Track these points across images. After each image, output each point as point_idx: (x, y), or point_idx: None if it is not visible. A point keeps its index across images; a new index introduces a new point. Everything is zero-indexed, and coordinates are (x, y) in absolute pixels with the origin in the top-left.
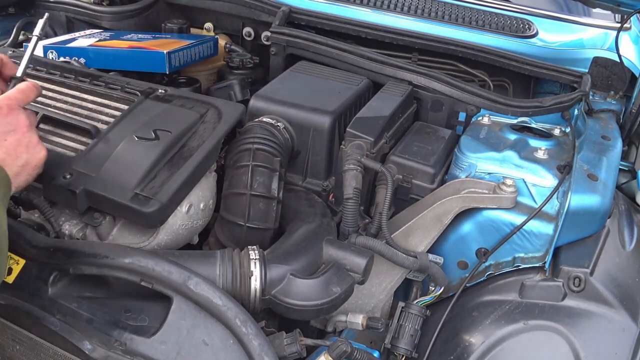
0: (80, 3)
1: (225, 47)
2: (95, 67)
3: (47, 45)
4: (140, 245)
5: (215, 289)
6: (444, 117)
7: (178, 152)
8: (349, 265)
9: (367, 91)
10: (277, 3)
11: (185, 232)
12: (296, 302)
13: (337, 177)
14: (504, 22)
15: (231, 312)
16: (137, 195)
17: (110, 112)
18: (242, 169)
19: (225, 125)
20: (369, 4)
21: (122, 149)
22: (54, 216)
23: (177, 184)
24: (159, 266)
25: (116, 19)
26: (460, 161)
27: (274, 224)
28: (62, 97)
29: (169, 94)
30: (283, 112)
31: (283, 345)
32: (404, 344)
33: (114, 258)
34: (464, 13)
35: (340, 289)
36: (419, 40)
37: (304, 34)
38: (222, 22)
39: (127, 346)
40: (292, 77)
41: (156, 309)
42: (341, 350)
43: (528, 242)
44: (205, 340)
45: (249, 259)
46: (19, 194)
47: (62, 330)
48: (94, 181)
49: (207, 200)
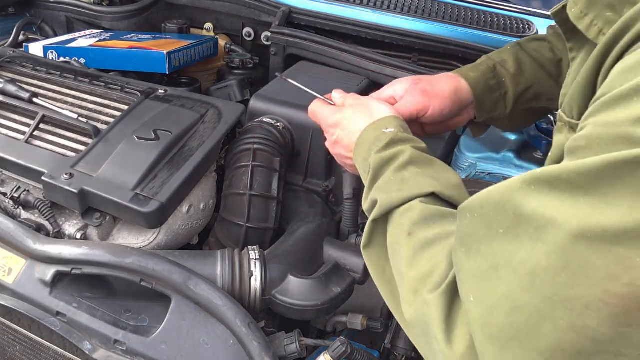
0: (80, 3)
1: (225, 47)
2: (95, 67)
3: (47, 45)
4: (140, 245)
5: (216, 289)
6: None
7: (178, 152)
8: (349, 265)
9: (367, 91)
10: (277, 3)
11: (185, 232)
12: (296, 302)
13: (337, 177)
14: (504, 22)
15: (231, 312)
16: (137, 195)
17: (110, 112)
18: (242, 169)
19: (225, 126)
20: (369, 4)
21: (122, 149)
22: (54, 216)
23: (177, 184)
24: (159, 266)
25: (116, 19)
26: (460, 161)
27: (274, 224)
28: (62, 97)
29: (169, 94)
30: (283, 112)
31: (283, 345)
32: (404, 344)
33: (114, 258)
34: (464, 13)
35: (340, 289)
36: (419, 40)
37: (304, 34)
38: (222, 22)
39: (127, 346)
40: (292, 78)
41: (156, 309)
42: (341, 351)
43: None
44: (205, 340)
45: (249, 259)
46: (19, 194)
47: (62, 330)
48: (94, 181)
49: (207, 201)
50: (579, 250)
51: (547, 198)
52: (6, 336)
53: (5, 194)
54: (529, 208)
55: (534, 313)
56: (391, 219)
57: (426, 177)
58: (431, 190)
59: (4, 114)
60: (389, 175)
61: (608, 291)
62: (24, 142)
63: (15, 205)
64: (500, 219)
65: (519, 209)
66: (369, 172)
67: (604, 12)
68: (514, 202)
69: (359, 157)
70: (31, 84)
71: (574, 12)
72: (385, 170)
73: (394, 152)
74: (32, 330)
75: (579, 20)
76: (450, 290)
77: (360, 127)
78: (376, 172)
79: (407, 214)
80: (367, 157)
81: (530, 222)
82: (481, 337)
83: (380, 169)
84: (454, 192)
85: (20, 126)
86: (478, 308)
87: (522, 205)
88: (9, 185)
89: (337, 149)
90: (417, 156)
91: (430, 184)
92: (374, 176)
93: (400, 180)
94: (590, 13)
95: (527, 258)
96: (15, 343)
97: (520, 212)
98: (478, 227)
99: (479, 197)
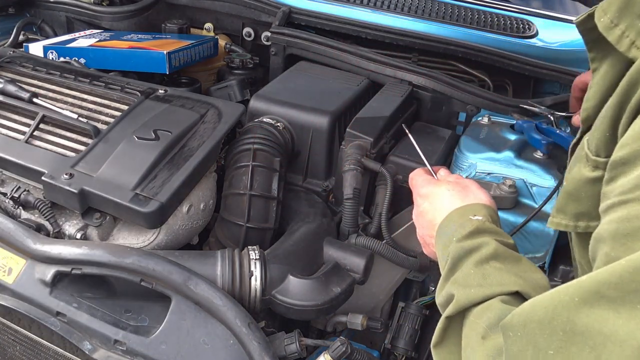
0: (80, 3)
1: (225, 47)
2: (95, 67)
3: (47, 45)
4: (140, 245)
5: (216, 289)
6: (444, 117)
7: (178, 152)
8: (349, 265)
9: (367, 91)
10: (277, 3)
11: (186, 232)
12: (296, 302)
13: (337, 177)
14: (504, 22)
15: (231, 312)
16: (137, 195)
17: (110, 112)
18: (242, 169)
19: (225, 126)
20: (369, 4)
21: (122, 149)
22: (54, 216)
23: (177, 184)
24: (159, 266)
25: (116, 19)
26: (460, 161)
27: (274, 224)
28: (62, 97)
29: (169, 94)
30: (283, 112)
31: (283, 345)
32: (404, 344)
33: (114, 258)
34: (464, 13)
35: (340, 289)
36: (419, 40)
37: (304, 34)
38: (222, 22)
39: (127, 346)
40: (292, 78)
41: (156, 309)
42: (341, 351)
43: (528, 242)
44: (205, 340)
45: (249, 259)
46: (19, 194)
47: (62, 330)
48: (94, 181)
49: (207, 201)
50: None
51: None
52: (6, 336)
53: (5, 194)
54: (581, 324)
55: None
56: (467, 318)
57: (511, 275)
58: (515, 289)
59: (4, 114)
60: (469, 268)
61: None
62: (24, 142)
63: (15, 205)
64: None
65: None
66: (447, 260)
67: (637, 23)
68: (561, 318)
69: (440, 242)
70: (31, 84)
71: (603, 22)
72: (465, 262)
73: (478, 242)
74: (32, 330)
75: (609, 31)
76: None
77: (449, 208)
78: (455, 262)
79: (485, 315)
80: (448, 244)
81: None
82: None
83: (460, 260)
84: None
85: (20, 126)
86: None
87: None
88: (9, 185)
89: (420, 221)
90: (503, 251)
91: (515, 282)
92: (452, 266)
93: (482, 276)
94: (621, 23)
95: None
96: (15, 343)
97: (572, 329)
98: (525, 348)
99: (520, 313)
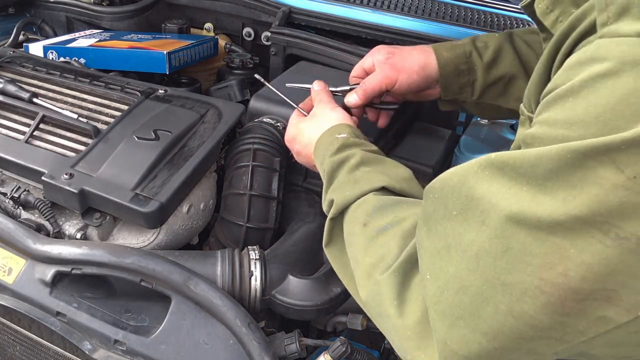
0: (80, 3)
1: (225, 47)
2: (95, 67)
3: (47, 45)
4: (140, 245)
5: (216, 289)
6: (444, 117)
7: (178, 152)
8: None
9: None
10: (277, 3)
11: (185, 232)
12: (296, 302)
13: None
14: (504, 22)
15: (231, 312)
16: (137, 195)
17: (110, 112)
18: (242, 169)
19: (225, 126)
20: (369, 4)
21: (122, 149)
22: (54, 216)
23: (177, 184)
24: (159, 266)
25: (116, 19)
26: (460, 161)
27: (274, 224)
28: (62, 97)
29: (169, 94)
30: (283, 112)
31: (283, 345)
32: None
33: (114, 258)
34: (464, 13)
35: (340, 289)
36: (419, 40)
37: (304, 34)
38: (222, 22)
39: (127, 346)
40: (292, 78)
41: (156, 309)
42: (341, 351)
43: None
44: (205, 340)
45: (249, 259)
46: (19, 194)
47: (62, 330)
48: (94, 181)
49: (207, 201)
50: (519, 236)
51: (496, 183)
52: (6, 336)
53: (5, 194)
54: (479, 192)
55: (478, 295)
56: (346, 214)
57: (377, 174)
58: (382, 185)
59: (4, 114)
60: (343, 176)
61: (544, 279)
62: (24, 142)
63: (15, 205)
64: (455, 200)
65: (471, 192)
66: (324, 175)
67: (569, 9)
68: (468, 184)
69: (317, 162)
70: (31, 84)
71: (540, 7)
72: (338, 173)
73: (346, 155)
74: (32, 330)
75: (545, 16)
76: (400, 270)
77: (314, 137)
78: (331, 175)
79: (361, 207)
80: (322, 161)
81: (478, 205)
82: (434, 313)
83: (334, 172)
84: (404, 184)
85: (20, 126)
86: (432, 285)
87: (474, 188)
88: (9, 185)
89: (301, 160)
90: (368, 157)
91: (381, 179)
92: (329, 179)
93: (354, 180)
94: (555, 9)
95: (473, 240)
96: (15, 343)
97: (471, 195)
98: (438, 208)
99: (441, 179)
